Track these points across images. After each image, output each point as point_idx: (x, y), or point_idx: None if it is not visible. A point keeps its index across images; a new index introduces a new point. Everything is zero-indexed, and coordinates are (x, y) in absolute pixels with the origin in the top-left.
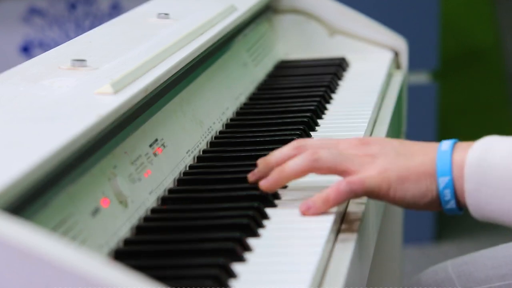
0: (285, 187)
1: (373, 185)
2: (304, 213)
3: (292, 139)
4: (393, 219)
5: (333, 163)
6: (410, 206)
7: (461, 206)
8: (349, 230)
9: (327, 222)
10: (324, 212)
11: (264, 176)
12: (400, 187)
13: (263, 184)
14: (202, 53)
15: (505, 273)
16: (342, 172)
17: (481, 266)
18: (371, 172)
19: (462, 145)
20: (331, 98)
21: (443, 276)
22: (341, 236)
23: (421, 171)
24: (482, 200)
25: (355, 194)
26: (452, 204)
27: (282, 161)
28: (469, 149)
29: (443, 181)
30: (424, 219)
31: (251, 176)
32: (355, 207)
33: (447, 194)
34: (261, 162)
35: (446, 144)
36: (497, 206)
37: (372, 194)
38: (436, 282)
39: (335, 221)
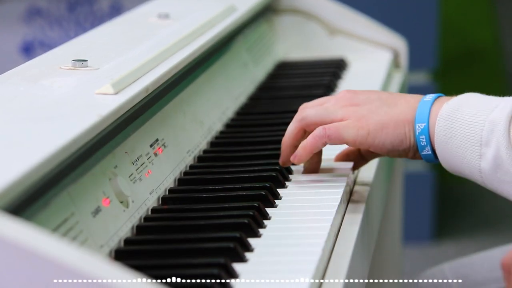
0: (285, 187)
1: (350, 132)
2: (293, 161)
3: None
4: (392, 218)
5: (319, 118)
6: (389, 152)
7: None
8: (349, 229)
9: (326, 222)
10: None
11: (286, 158)
12: (380, 134)
13: (280, 161)
14: (202, 53)
15: (502, 276)
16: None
17: (478, 269)
18: (351, 120)
19: (444, 97)
20: None
21: (441, 279)
22: (341, 235)
23: (400, 118)
24: (447, 152)
25: (329, 139)
26: (428, 150)
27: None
28: (446, 102)
29: (419, 127)
30: (424, 218)
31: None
32: (355, 206)
33: (423, 140)
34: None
35: (430, 95)
36: (459, 160)
37: (349, 140)
38: (434, 285)
39: (334, 221)
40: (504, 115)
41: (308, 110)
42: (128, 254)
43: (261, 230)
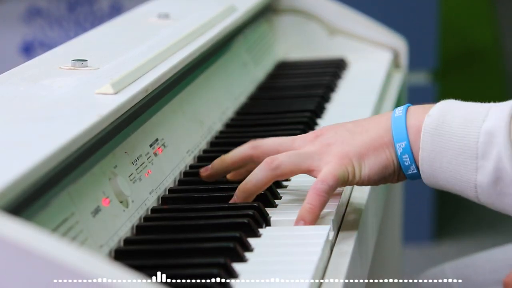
0: (285, 186)
1: (341, 172)
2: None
3: None
4: (392, 219)
5: (294, 165)
6: (377, 181)
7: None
8: (349, 229)
9: (326, 221)
10: (321, 215)
11: (215, 173)
12: (362, 165)
13: (232, 202)
14: (202, 53)
15: (503, 277)
16: (306, 171)
17: (479, 270)
18: (333, 161)
19: (416, 109)
20: (330, 98)
21: (441, 278)
22: (341, 235)
23: (378, 143)
24: (436, 168)
25: (333, 188)
26: (413, 169)
27: (238, 160)
28: (426, 115)
29: (400, 146)
30: (424, 219)
31: (203, 171)
32: (354, 207)
33: (406, 159)
34: (217, 159)
35: (398, 110)
36: (450, 175)
37: (344, 181)
38: (434, 285)
39: (334, 221)
40: (503, 124)
41: (281, 158)
42: (128, 254)
43: (261, 230)
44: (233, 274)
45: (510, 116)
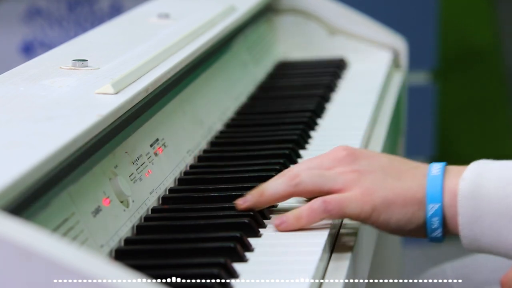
0: None
1: (353, 207)
2: (277, 227)
3: (291, 139)
4: None
5: (316, 186)
6: (393, 231)
7: (445, 234)
8: (349, 229)
9: (327, 221)
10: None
11: (254, 206)
12: (385, 211)
13: (239, 204)
14: (202, 53)
15: None
16: (326, 193)
17: (479, 270)
18: (354, 192)
19: (453, 169)
20: (330, 98)
21: (441, 279)
22: (342, 235)
23: (408, 196)
24: (477, 233)
25: (330, 214)
26: (438, 233)
27: (279, 198)
28: (459, 178)
29: (432, 208)
30: None
31: (240, 203)
32: None
33: (435, 222)
34: (255, 191)
35: (436, 168)
36: (493, 238)
37: (352, 216)
38: (434, 285)
39: (335, 221)
40: None
41: (303, 176)
42: (128, 254)
43: (261, 230)
44: (233, 274)
45: None
